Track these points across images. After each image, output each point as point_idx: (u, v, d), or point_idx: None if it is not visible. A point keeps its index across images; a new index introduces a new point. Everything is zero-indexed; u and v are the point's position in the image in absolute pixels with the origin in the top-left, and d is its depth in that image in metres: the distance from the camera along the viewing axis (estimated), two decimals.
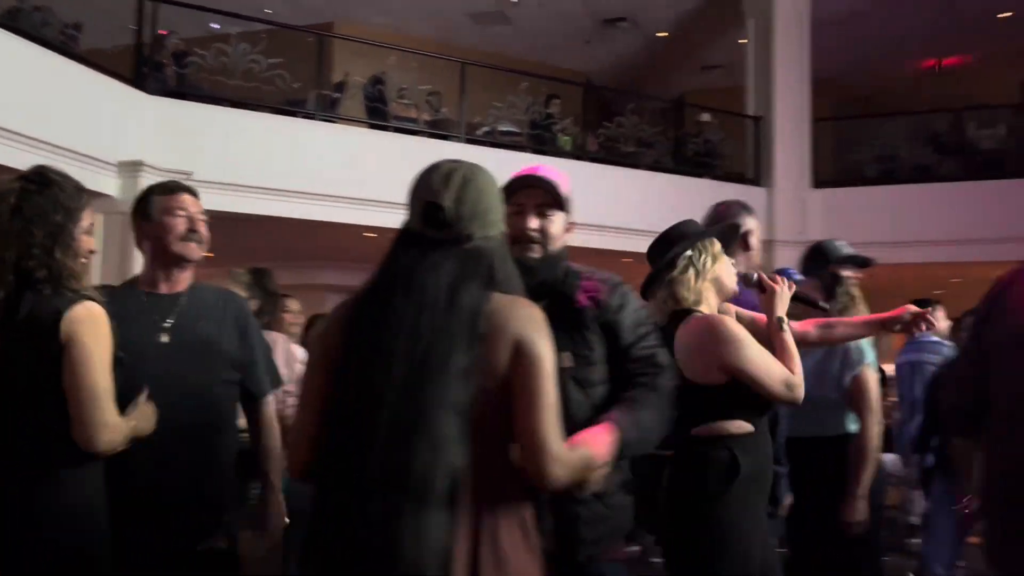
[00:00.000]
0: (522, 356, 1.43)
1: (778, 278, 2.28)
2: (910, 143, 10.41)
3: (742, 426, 2.10)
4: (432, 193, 1.51)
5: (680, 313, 2.19)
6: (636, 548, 5.76)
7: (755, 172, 10.18)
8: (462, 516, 1.38)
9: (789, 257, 8.75)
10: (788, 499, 2.51)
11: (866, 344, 3.05)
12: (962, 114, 10.50)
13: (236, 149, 7.20)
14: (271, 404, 2.42)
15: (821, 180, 10.17)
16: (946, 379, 1.93)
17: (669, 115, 10.65)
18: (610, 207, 8.21)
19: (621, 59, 12.39)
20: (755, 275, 2.32)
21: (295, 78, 7.92)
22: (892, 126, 10.80)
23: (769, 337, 2.20)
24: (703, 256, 2.19)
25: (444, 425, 1.36)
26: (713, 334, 2.10)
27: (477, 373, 1.41)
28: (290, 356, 3.73)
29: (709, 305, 2.21)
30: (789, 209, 9.80)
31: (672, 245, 2.21)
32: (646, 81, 12.49)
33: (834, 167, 10.67)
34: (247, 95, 7.69)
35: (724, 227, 2.38)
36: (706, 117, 10.49)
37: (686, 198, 8.95)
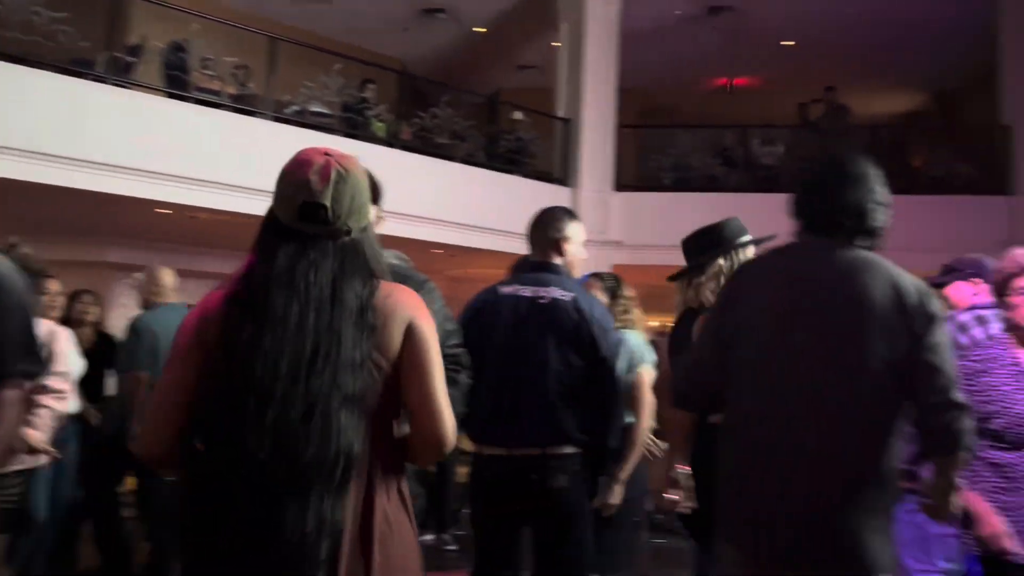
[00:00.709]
0: (414, 338, 1.54)
1: None
2: (702, 154, 11.17)
3: None
4: (310, 192, 1.51)
5: (697, 311, 2.32)
6: (430, 537, 5.80)
7: (562, 172, 10.52)
8: (354, 494, 1.47)
9: (591, 255, 9.15)
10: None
11: (646, 347, 3.35)
12: (747, 131, 11.40)
13: (9, 108, 6.47)
14: (14, 388, 2.20)
15: (623, 183, 10.68)
16: (682, 363, 2.10)
17: (483, 110, 10.78)
18: (422, 197, 8.18)
19: (439, 50, 12.39)
20: None
21: (84, 36, 7.24)
22: (688, 137, 11.52)
23: None
24: (734, 264, 2.33)
25: (338, 416, 1.42)
26: None
27: (371, 362, 1.49)
28: (54, 339, 3.40)
29: None
30: (592, 209, 10.22)
31: (710, 246, 2.34)
32: (463, 75, 12.56)
33: (635, 172, 11.26)
34: (26, 50, 6.93)
35: (759, 239, 2.51)
36: (519, 115, 10.71)
37: (497, 193, 9.15)
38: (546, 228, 2.84)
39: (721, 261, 2.38)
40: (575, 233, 2.85)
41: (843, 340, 1.84)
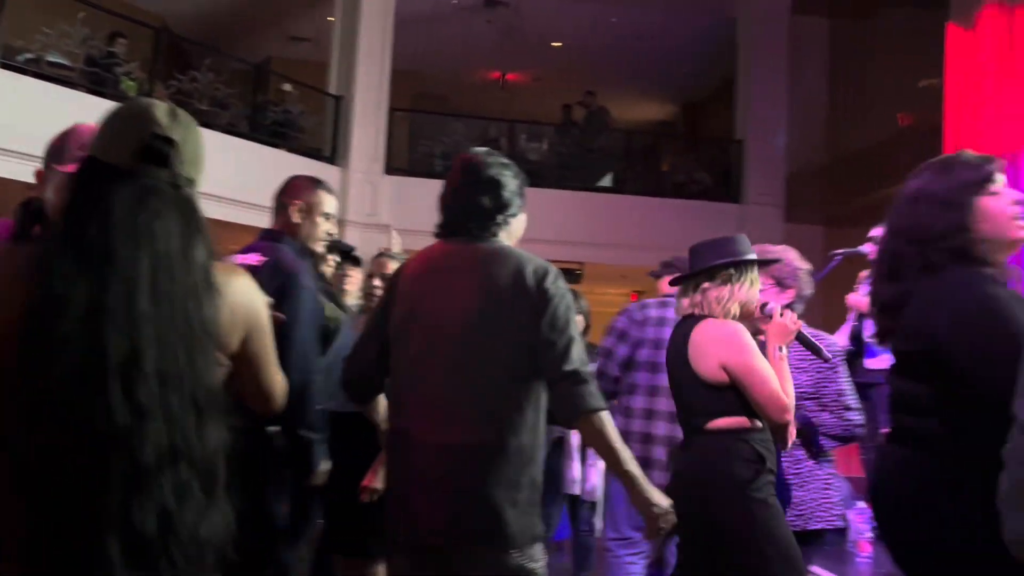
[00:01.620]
0: (250, 323, 1.45)
1: (787, 312, 2.43)
2: (472, 144, 11.37)
3: (756, 422, 2.27)
4: (158, 125, 1.32)
5: (698, 316, 2.35)
6: None
7: (332, 150, 10.27)
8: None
9: (359, 237, 9.02)
10: (324, 465, 2.55)
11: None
12: (516, 126, 11.78)
13: None
14: None
15: (393, 167, 10.63)
16: (351, 355, 2.16)
17: (250, 79, 10.25)
18: None
19: (204, 11, 11.59)
20: (769, 305, 2.46)
21: None
22: (459, 126, 11.70)
23: (768, 360, 2.34)
24: (743, 278, 2.36)
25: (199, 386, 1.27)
26: (725, 336, 2.29)
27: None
28: None
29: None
30: (361, 191, 10.09)
31: (726, 255, 2.37)
32: (230, 39, 11.85)
33: (407, 157, 11.24)
34: None
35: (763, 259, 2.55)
36: (288, 88, 10.31)
37: (259, 166, 8.71)
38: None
39: (732, 271, 2.40)
40: (321, 200, 2.67)
41: (476, 328, 1.98)
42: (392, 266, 2.95)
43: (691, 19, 11.57)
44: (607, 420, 1.92)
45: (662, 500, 1.93)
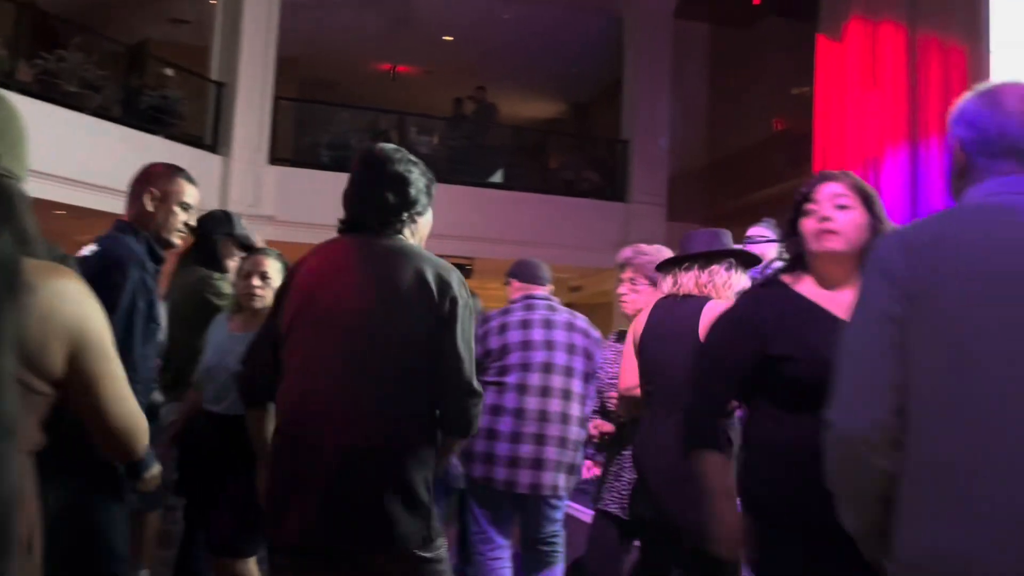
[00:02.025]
0: (75, 337, 1.22)
1: None
2: (361, 135, 11.21)
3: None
4: None
5: (699, 298, 2.48)
6: None
7: (213, 138, 9.90)
8: None
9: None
10: (154, 470, 2.39)
11: None
12: (406, 118, 11.68)
13: None
14: None
15: (278, 157, 10.35)
16: (247, 356, 2.11)
17: (125, 61, 9.74)
18: (40, 149, 7.15)
19: None
20: None
21: None
22: (348, 116, 11.49)
23: None
24: (736, 271, 2.54)
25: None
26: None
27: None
28: None
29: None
30: (244, 181, 9.77)
31: (725, 244, 2.51)
32: (104, 18, 11.22)
33: (292, 147, 10.95)
34: None
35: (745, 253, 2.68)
36: (168, 71, 9.86)
37: (134, 153, 8.25)
38: None
39: (734, 260, 2.56)
40: (179, 189, 2.51)
41: (372, 328, 1.93)
42: (269, 263, 2.85)
43: (581, 18, 11.76)
44: None
45: None
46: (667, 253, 2.85)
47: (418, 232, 2.09)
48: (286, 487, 1.93)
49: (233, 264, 3.26)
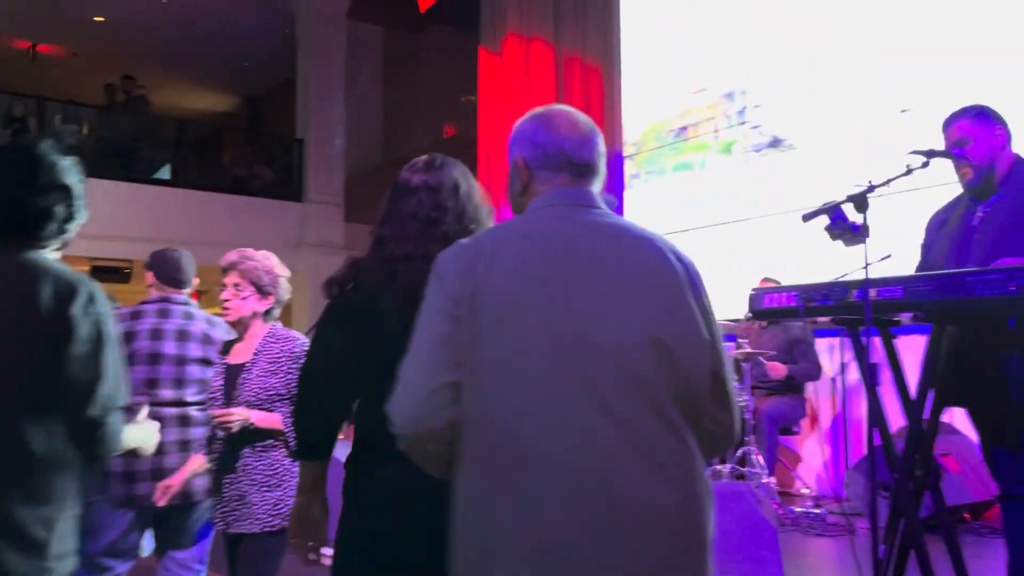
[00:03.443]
0: None
1: None
2: None
3: None
4: None
5: None
6: None
7: None
8: None
9: None
10: None
11: None
12: (47, 104, 10.42)
13: None
14: None
15: None
16: None
17: None
18: None
19: None
20: None
21: None
22: None
23: None
24: None
25: None
26: None
27: None
28: None
29: None
30: None
31: None
32: None
33: None
34: None
35: None
36: None
37: None
38: None
39: None
40: None
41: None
42: None
43: (251, 11, 11.31)
44: None
45: None
46: (274, 261, 2.72)
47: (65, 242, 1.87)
48: None
49: None
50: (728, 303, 4.83)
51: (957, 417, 4.31)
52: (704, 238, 6.54)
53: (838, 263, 3.00)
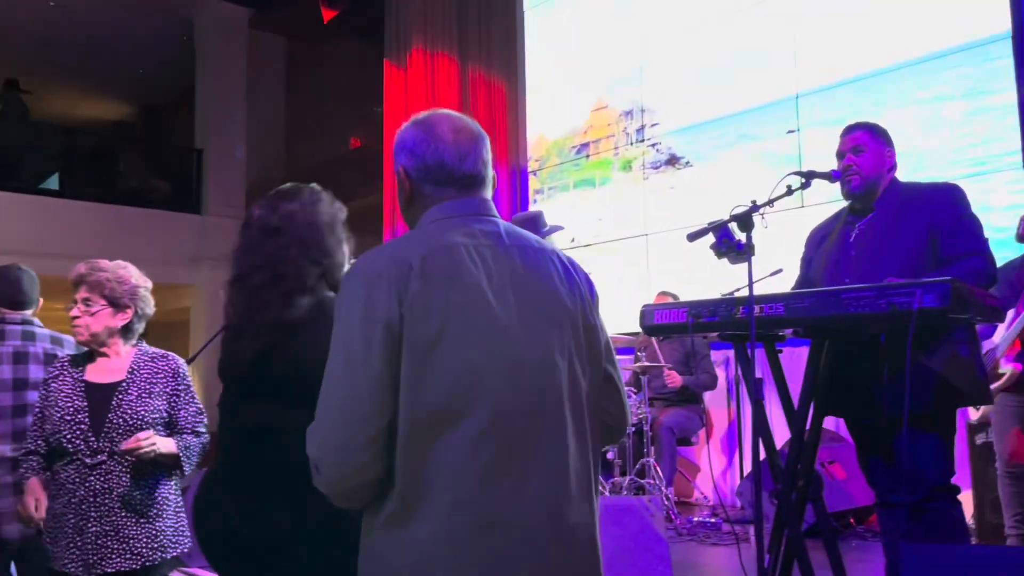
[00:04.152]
0: None
1: None
2: None
3: None
4: None
5: None
6: None
7: None
8: None
9: None
10: None
11: None
12: None
13: None
14: None
15: None
16: None
17: None
18: None
19: None
20: None
21: None
22: None
23: None
24: None
25: None
26: None
27: None
28: None
29: None
30: None
31: (535, 229, 2.10)
32: None
33: None
34: None
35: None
36: None
37: None
38: None
39: None
40: None
41: None
42: None
43: (146, 18, 10.91)
44: None
45: None
46: (133, 271, 2.50)
47: None
48: None
49: None
50: (629, 316, 4.93)
51: (843, 425, 4.49)
52: (606, 253, 6.64)
53: (734, 277, 3.09)
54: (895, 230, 2.73)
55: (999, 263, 3.91)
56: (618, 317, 6.07)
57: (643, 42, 6.55)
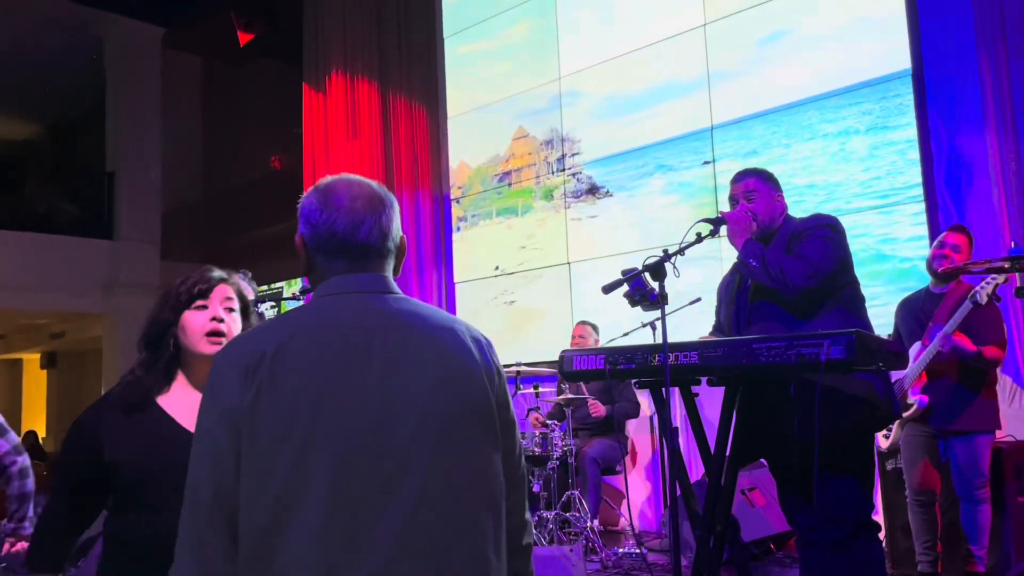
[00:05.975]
0: None
1: None
2: None
3: None
4: None
5: None
6: None
7: None
8: None
9: None
10: None
11: None
12: None
13: None
14: None
15: None
16: None
17: None
18: None
19: None
20: None
21: None
22: None
23: None
24: None
25: None
26: None
27: None
28: None
29: None
30: None
31: None
32: None
33: None
34: None
35: None
36: None
37: None
38: None
39: None
40: None
41: None
42: None
43: (50, 31, 10.49)
44: None
45: None
46: None
47: None
48: None
49: None
50: (552, 345, 4.93)
51: None
52: (529, 280, 6.65)
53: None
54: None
55: (903, 295, 4.08)
56: (541, 346, 6.09)
57: (562, 72, 6.60)
